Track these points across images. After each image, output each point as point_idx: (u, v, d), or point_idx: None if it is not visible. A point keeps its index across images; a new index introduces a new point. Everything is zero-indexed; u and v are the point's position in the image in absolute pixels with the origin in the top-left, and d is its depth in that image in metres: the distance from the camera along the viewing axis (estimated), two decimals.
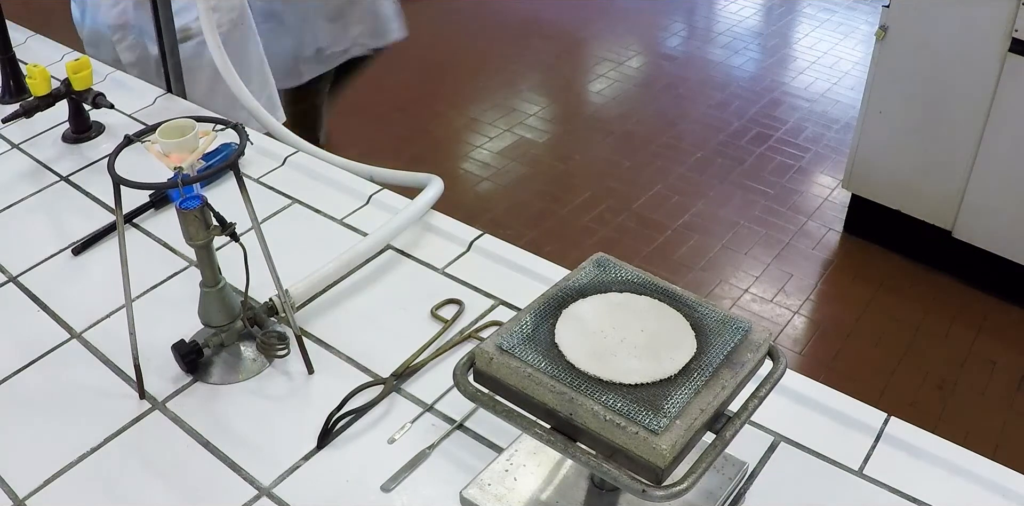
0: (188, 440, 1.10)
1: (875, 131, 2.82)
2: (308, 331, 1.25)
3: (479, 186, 3.43)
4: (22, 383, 1.19)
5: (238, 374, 1.19)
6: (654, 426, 0.79)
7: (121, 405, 1.15)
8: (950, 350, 2.63)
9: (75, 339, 1.26)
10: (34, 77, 1.59)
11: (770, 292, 2.86)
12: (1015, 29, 2.36)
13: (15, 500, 1.04)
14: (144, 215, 1.50)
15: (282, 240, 1.27)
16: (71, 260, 1.41)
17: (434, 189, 1.47)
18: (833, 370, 2.57)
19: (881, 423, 1.08)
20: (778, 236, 3.11)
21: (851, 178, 2.97)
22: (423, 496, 1.02)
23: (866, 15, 4.72)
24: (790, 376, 1.11)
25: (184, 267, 1.38)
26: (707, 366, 0.85)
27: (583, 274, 0.97)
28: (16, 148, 1.70)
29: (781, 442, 1.07)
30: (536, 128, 3.79)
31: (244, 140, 1.10)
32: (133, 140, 1.09)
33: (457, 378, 0.91)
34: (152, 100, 1.83)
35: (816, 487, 1.02)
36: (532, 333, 0.89)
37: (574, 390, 0.83)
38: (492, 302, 1.29)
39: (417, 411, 1.12)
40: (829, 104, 3.94)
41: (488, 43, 4.58)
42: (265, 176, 1.59)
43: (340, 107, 3.89)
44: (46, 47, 2.04)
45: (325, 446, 1.08)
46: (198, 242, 1.09)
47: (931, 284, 2.86)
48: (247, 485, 1.04)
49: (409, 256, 1.39)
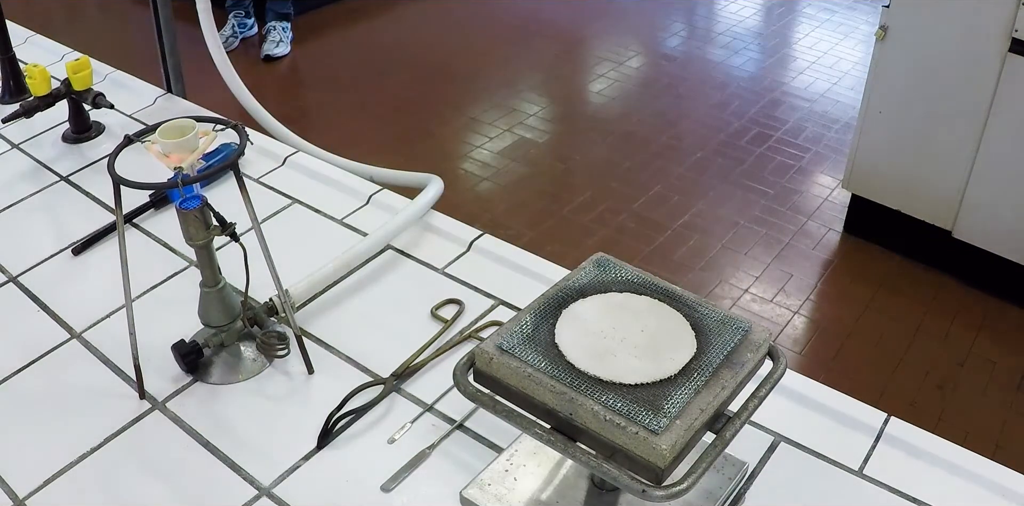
0: (188, 440, 1.10)
1: (875, 131, 2.82)
2: (308, 331, 1.25)
3: (479, 186, 3.43)
4: (22, 383, 1.19)
5: (238, 374, 1.19)
6: (654, 426, 0.79)
7: (121, 405, 1.15)
8: (950, 350, 2.63)
9: (75, 339, 1.26)
10: (34, 77, 1.59)
11: (770, 292, 2.86)
12: (1015, 29, 2.36)
13: (15, 500, 1.04)
14: (144, 215, 1.50)
15: (282, 240, 1.27)
16: (71, 260, 1.41)
17: (434, 189, 1.47)
18: (833, 370, 2.57)
19: (881, 423, 1.08)
20: (778, 236, 3.11)
21: (851, 178, 2.96)
22: (423, 496, 1.02)
23: (866, 15, 4.71)
24: (790, 376, 1.11)
25: (184, 267, 1.38)
26: (707, 366, 0.85)
27: (583, 274, 0.97)
28: (16, 148, 1.70)
29: (781, 442, 1.07)
30: (536, 128, 3.79)
31: (244, 140, 1.10)
32: (133, 140, 1.09)
33: (457, 378, 0.91)
34: (152, 100, 1.83)
35: (816, 487, 1.02)
36: (532, 333, 0.89)
37: (574, 390, 0.83)
38: (492, 302, 1.29)
39: (417, 411, 1.12)
40: (829, 104, 3.94)
41: (488, 43, 4.58)
42: (265, 176, 1.59)
43: (340, 107, 3.90)
44: (46, 47, 2.04)
45: (325, 446, 1.08)
46: (198, 242, 1.09)
47: (931, 284, 2.86)
48: (247, 485, 1.04)
49: (409, 256, 1.39)
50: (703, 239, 3.10)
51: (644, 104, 4.01)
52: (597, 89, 4.13)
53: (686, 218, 3.21)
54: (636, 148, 3.64)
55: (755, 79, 4.20)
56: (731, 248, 3.06)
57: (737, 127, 3.76)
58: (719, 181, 3.42)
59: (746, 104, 3.94)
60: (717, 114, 3.87)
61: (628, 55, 4.40)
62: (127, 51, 2.64)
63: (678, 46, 4.55)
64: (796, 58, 4.37)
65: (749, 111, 3.88)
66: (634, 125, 3.82)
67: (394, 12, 4.82)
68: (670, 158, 3.56)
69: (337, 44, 4.52)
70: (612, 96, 4.06)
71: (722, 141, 3.67)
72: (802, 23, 4.73)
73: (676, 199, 3.31)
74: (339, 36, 4.59)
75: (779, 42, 4.54)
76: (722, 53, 4.41)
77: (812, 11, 4.83)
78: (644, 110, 3.95)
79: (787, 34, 4.63)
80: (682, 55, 4.45)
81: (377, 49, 4.43)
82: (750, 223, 3.18)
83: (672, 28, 4.74)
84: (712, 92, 4.07)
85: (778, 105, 3.93)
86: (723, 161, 3.54)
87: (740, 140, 3.67)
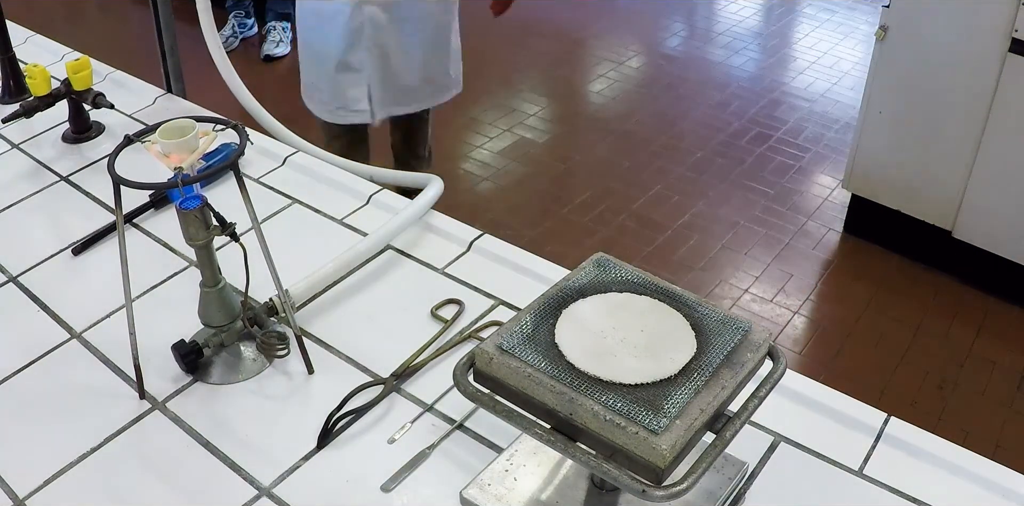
0: (188, 440, 1.10)
1: (875, 131, 2.82)
2: (308, 331, 1.25)
3: (479, 186, 3.43)
4: (22, 383, 1.19)
5: (238, 374, 1.19)
6: (654, 426, 0.79)
7: (121, 405, 1.15)
8: (950, 350, 2.63)
9: (75, 339, 1.26)
10: (34, 77, 1.59)
11: (770, 292, 2.86)
12: (1015, 29, 2.36)
13: (15, 500, 1.04)
14: (144, 215, 1.50)
15: (282, 240, 1.27)
16: (71, 260, 1.41)
17: (434, 189, 1.47)
18: (833, 370, 2.57)
19: (881, 423, 1.08)
20: (778, 236, 3.11)
21: (851, 178, 2.96)
22: (423, 496, 1.02)
23: (866, 15, 4.71)
24: (790, 376, 1.11)
25: (184, 267, 1.38)
26: (707, 366, 0.85)
27: (583, 274, 0.97)
28: (16, 148, 1.70)
29: (781, 442, 1.07)
30: (536, 128, 3.79)
31: (244, 140, 1.10)
32: (133, 140, 1.09)
33: (457, 378, 0.91)
34: (152, 100, 1.83)
35: (816, 487, 1.02)
36: (532, 333, 0.89)
37: (574, 390, 0.83)
38: (492, 302, 1.29)
39: (417, 411, 1.12)
40: (829, 104, 3.94)
41: (488, 43, 4.58)
42: (265, 176, 1.59)
43: None
44: (46, 47, 2.04)
45: (325, 446, 1.08)
46: (198, 242, 1.09)
47: (931, 284, 2.86)
48: (247, 485, 1.04)
49: (409, 256, 1.39)
50: (703, 239, 3.10)
51: (644, 104, 4.01)
52: (597, 89, 4.13)
53: (686, 218, 3.21)
54: (636, 148, 3.64)
55: (755, 79, 4.20)
56: (731, 248, 3.06)
57: (737, 127, 3.76)
58: (719, 181, 3.42)
59: (746, 104, 3.94)
60: (717, 114, 3.87)
61: (628, 55, 4.40)
62: (127, 51, 2.63)
63: (678, 46, 4.55)
64: (796, 58, 4.37)
65: (749, 111, 3.88)
66: (634, 125, 3.82)
67: None
68: (670, 158, 3.56)
69: None
70: (612, 96, 4.06)
71: (722, 141, 3.67)
72: (802, 23, 4.73)
73: (676, 199, 3.31)
74: None
75: (779, 42, 4.54)
76: (722, 53, 4.41)
77: (812, 11, 4.83)
78: (644, 110, 3.95)
79: (787, 34, 4.63)
80: (682, 55, 4.45)
81: None
82: (750, 223, 3.18)
83: (672, 28, 4.74)
84: (712, 92, 4.07)
85: (778, 105, 3.93)
86: (723, 161, 3.54)
87: (740, 140, 3.67)
